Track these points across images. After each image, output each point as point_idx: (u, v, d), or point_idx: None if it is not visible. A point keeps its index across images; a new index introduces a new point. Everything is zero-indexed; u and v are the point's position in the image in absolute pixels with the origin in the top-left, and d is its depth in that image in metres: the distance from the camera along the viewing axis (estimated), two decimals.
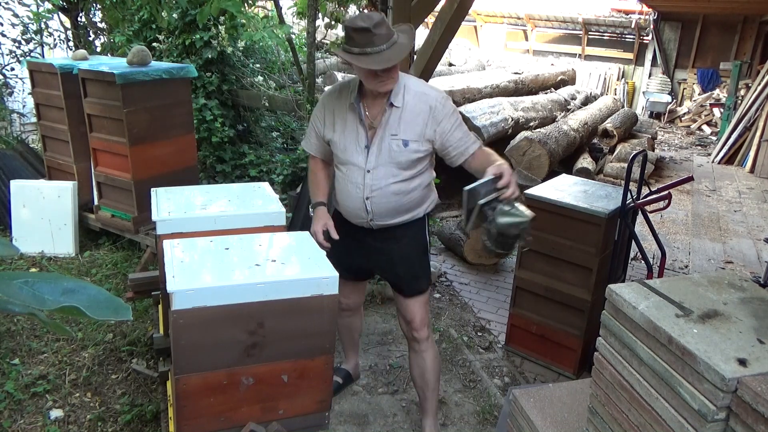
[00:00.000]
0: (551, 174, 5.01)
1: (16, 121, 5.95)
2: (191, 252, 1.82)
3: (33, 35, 5.91)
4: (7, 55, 5.89)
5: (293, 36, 6.03)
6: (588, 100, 8.81)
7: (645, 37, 12.51)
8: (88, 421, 2.55)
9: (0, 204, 4.27)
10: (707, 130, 10.89)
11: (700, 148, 9.59)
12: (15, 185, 4.03)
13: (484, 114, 5.93)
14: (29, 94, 4.59)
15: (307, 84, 5.00)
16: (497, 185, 1.88)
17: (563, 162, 6.52)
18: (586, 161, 6.67)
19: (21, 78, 5.84)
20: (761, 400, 1.08)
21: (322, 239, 2.17)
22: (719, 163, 8.07)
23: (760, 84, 8.01)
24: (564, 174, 3.53)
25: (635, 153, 3.04)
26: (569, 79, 9.85)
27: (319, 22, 5.89)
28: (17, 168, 4.46)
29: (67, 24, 6.07)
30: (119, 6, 4.96)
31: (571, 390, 2.01)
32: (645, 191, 3.21)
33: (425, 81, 2.26)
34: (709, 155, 8.56)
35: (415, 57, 3.67)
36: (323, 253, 1.91)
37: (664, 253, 3.10)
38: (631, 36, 12.72)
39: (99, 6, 5.82)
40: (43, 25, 5.93)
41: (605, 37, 13.28)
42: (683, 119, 11.61)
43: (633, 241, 3.04)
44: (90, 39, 6.14)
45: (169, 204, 2.21)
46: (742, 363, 1.16)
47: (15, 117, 5.92)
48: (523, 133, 6.06)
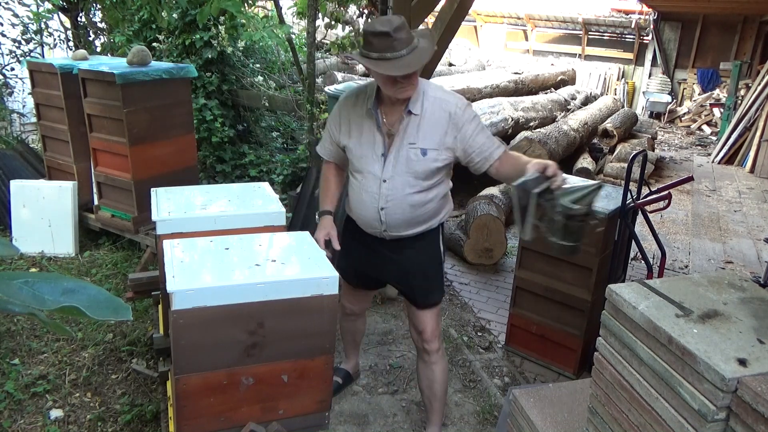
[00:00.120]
0: None
1: (16, 121, 5.95)
2: (191, 252, 1.82)
3: (33, 35, 5.91)
4: (7, 55, 5.89)
5: (293, 36, 6.03)
6: (588, 100, 8.81)
7: (645, 37, 12.51)
8: (88, 421, 2.55)
9: (0, 204, 4.27)
10: (707, 130, 10.88)
11: (700, 148, 9.59)
12: (15, 185, 4.03)
13: (484, 114, 5.93)
14: (29, 94, 4.58)
15: (307, 84, 5.00)
16: (546, 174, 1.75)
17: (563, 162, 6.51)
18: (586, 161, 6.67)
19: (21, 78, 5.84)
20: (761, 400, 1.08)
21: (323, 248, 2.12)
22: (719, 163, 8.07)
23: (760, 84, 8.01)
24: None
25: (635, 153, 3.04)
26: (569, 79, 9.85)
27: (319, 22, 5.89)
28: (17, 168, 4.46)
29: (67, 24, 6.07)
30: (119, 6, 4.96)
31: (571, 390, 2.01)
32: (645, 191, 3.21)
33: (442, 86, 2.17)
34: (709, 155, 8.56)
35: None
36: (323, 253, 1.91)
37: (664, 253, 3.10)
38: (631, 36, 12.72)
39: (99, 6, 5.82)
40: (43, 25, 5.93)
41: (605, 37, 13.28)
42: (683, 119, 11.61)
43: (633, 241, 3.04)
44: (90, 39, 6.14)
45: (169, 204, 2.21)
46: (742, 363, 1.16)
47: (15, 117, 5.92)
48: (523, 133, 6.07)
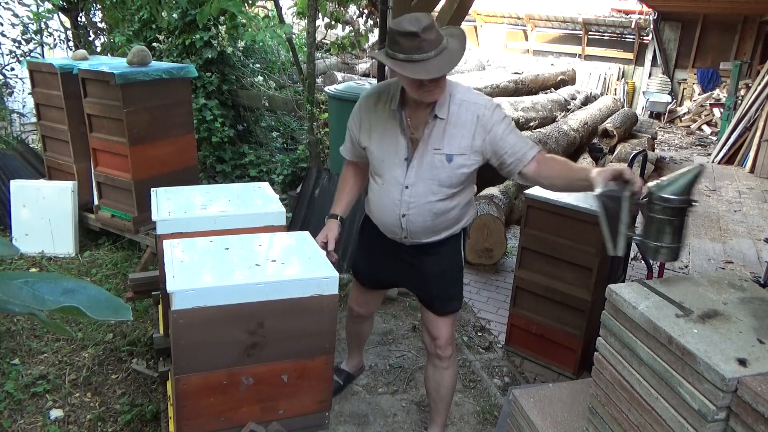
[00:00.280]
0: None
1: (16, 121, 5.95)
2: (191, 252, 1.82)
3: (33, 35, 5.91)
4: (7, 55, 5.90)
5: (293, 36, 6.03)
6: (588, 100, 8.82)
7: (645, 37, 12.51)
8: (88, 421, 2.55)
9: (0, 204, 4.27)
10: (707, 130, 10.89)
11: (700, 148, 9.59)
12: (15, 185, 4.03)
13: None
14: (29, 94, 4.58)
15: (307, 84, 5.00)
16: (625, 178, 1.58)
17: None
18: (586, 161, 6.67)
19: (21, 78, 5.84)
20: (761, 400, 1.08)
21: (331, 246, 2.11)
22: (719, 163, 8.07)
23: (760, 84, 8.00)
24: None
25: (635, 153, 3.04)
26: (569, 79, 9.86)
27: (319, 22, 5.89)
28: (17, 168, 4.46)
29: (67, 24, 6.07)
30: (119, 6, 4.97)
31: (571, 390, 2.01)
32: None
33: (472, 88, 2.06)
34: (709, 155, 8.56)
35: None
36: (323, 253, 1.91)
37: None
38: (631, 36, 12.73)
39: (99, 6, 5.83)
40: (43, 25, 5.94)
41: (605, 37, 13.28)
42: (683, 119, 11.61)
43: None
44: (90, 39, 6.14)
45: (169, 204, 2.21)
46: (742, 363, 1.16)
47: (15, 117, 5.93)
48: (523, 133, 6.06)
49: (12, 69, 5.93)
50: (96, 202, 3.97)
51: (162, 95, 3.75)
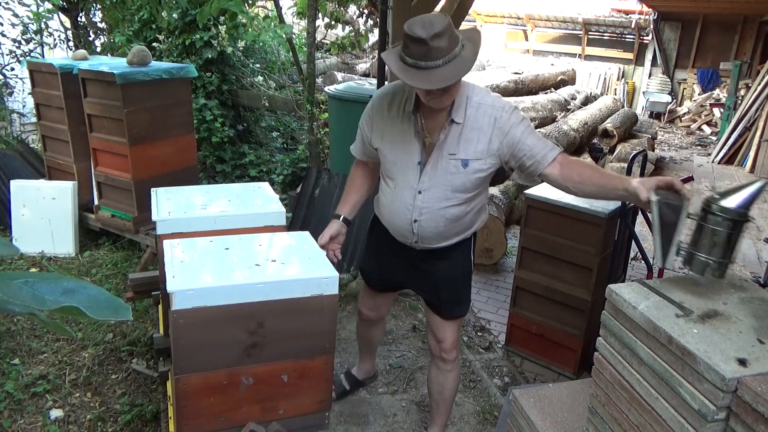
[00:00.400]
0: None
1: (16, 121, 5.95)
2: (191, 252, 1.82)
3: (33, 35, 5.91)
4: (7, 55, 5.90)
5: (293, 36, 6.03)
6: (588, 100, 8.82)
7: (645, 37, 12.52)
8: (88, 421, 2.55)
9: (0, 204, 4.27)
10: (707, 130, 10.89)
11: (700, 148, 9.59)
12: (15, 185, 4.03)
13: None
14: (29, 94, 4.58)
15: (307, 84, 5.01)
16: (676, 189, 1.52)
17: None
18: (586, 161, 6.67)
19: (21, 78, 5.84)
20: (761, 400, 1.08)
21: (323, 242, 2.10)
22: (719, 163, 8.07)
23: (760, 84, 8.01)
24: None
25: (635, 153, 3.05)
26: (569, 79, 9.86)
27: (319, 22, 5.89)
28: (17, 168, 4.46)
29: (67, 24, 6.08)
30: (119, 6, 4.97)
31: (571, 390, 2.01)
32: None
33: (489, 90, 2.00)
34: (709, 155, 8.56)
35: None
36: (323, 253, 1.91)
37: None
38: (631, 36, 12.73)
39: (99, 6, 5.83)
40: (43, 25, 5.94)
41: (605, 37, 13.28)
42: (683, 119, 11.61)
43: (633, 241, 3.04)
44: (90, 39, 6.14)
45: (169, 204, 2.21)
46: (742, 363, 1.16)
47: (15, 117, 5.93)
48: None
49: (12, 69, 5.93)
50: (96, 202, 3.97)
51: (162, 95, 3.75)
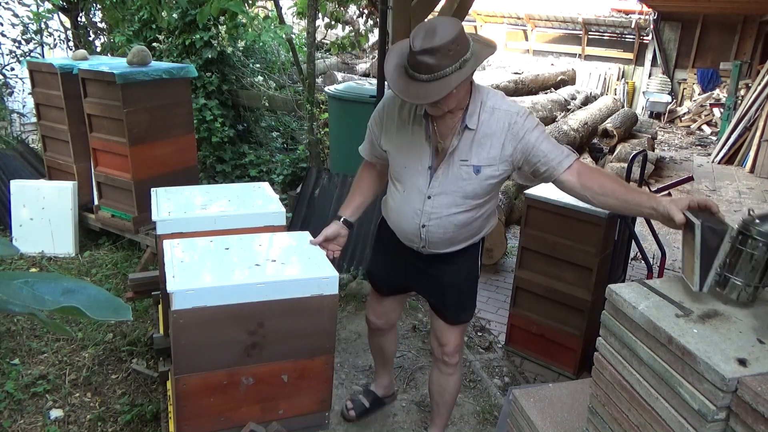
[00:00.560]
0: None
1: (16, 121, 5.95)
2: (191, 252, 1.82)
3: (33, 35, 5.91)
4: (7, 55, 5.90)
5: (293, 36, 6.04)
6: (588, 100, 8.83)
7: (645, 37, 12.52)
8: (88, 421, 2.55)
9: (0, 204, 4.27)
10: (707, 130, 10.89)
11: (700, 148, 9.59)
12: (15, 185, 4.03)
13: None
14: (29, 94, 4.58)
15: (307, 84, 5.01)
16: (713, 211, 1.48)
17: None
18: (586, 161, 6.67)
19: (21, 78, 5.84)
20: (761, 400, 1.08)
21: (316, 242, 2.02)
22: (719, 163, 8.08)
23: (760, 84, 8.01)
24: None
25: (635, 153, 3.05)
26: (569, 79, 9.87)
27: (319, 22, 5.89)
28: (17, 168, 4.46)
29: (67, 24, 6.07)
30: (119, 6, 4.97)
31: (571, 390, 2.01)
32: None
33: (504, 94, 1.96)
34: (709, 155, 8.56)
35: None
36: (323, 253, 1.91)
37: (664, 253, 3.10)
38: (631, 36, 12.73)
39: (99, 6, 5.83)
40: (43, 25, 5.94)
41: (605, 37, 13.29)
42: (683, 119, 11.61)
43: (633, 241, 3.04)
44: (90, 39, 6.14)
45: (169, 204, 2.21)
46: (742, 363, 1.16)
47: (15, 117, 5.93)
48: None
49: (12, 69, 5.93)
50: (96, 202, 3.97)
51: (162, 95, 3.75)
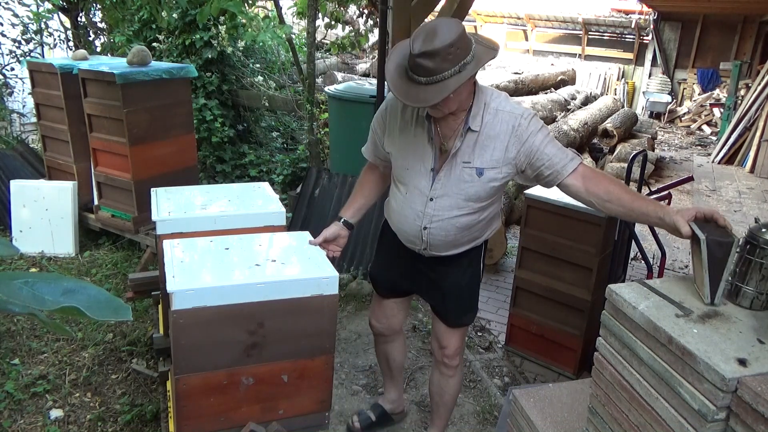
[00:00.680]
0: None
1: (16, 121, 5.95)
2: (191, 252, 1.82)
3: (33, 35, 5.91)
4: (7, 55, 5.90)
5: (293, 36, 6.04)
6: (588, 100, 8.83)
7: (645, 37, 12.52)
8: (88, 421, 2.55)
9: (0, 204, 4.27)
10: (707, 130, 10.89)
11: (700, 148, 9.59)
12: (15, 185, 4.03)
13: None
14: (29, 94, 4.58)
15: (307, 84, 5.01)
16: (719, 223, 1.47)
17: None
18: (586, 161, 6.67)
19: (21, 78, 5.84)
20: (761, 400, 1.08)
21: (315, 242, 2.02)
22: (719, 163, 8.07)
23: (760, 84, 8.00)
24: None
25: (635, 153, 3.05)
26: (569, 79, 9.87)
27: (319, 22, 5.89)
28: (17, 168, 4.46)
29: (67, 24, 6.07)
30: (119, 6, 4.96)
31: (571, 390, 2.01)
32: (645, 191, 3.21)
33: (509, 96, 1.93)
34: (709, 155, 8.56)
35: None
36: (323, 253, 1.91)
37: (664, 253, 3.10)
38: (631, 36, 12.73)
39: (99, 6, 5.83)
40: (43, 25, 5.94)
41: (605, 37, 13.29)
42: (683, 119, 11.62)
43: (633, 241, 3.04)
44: (90, 39, 6.14)
45: (169, 204, 2.21)
46: (742, 363, 1.16)
47: (15, 117, 5.93)
48: None
49: (12, 69, 5.93)
50: (96, 202, 3.97)
51: (162, 95, 3.75)
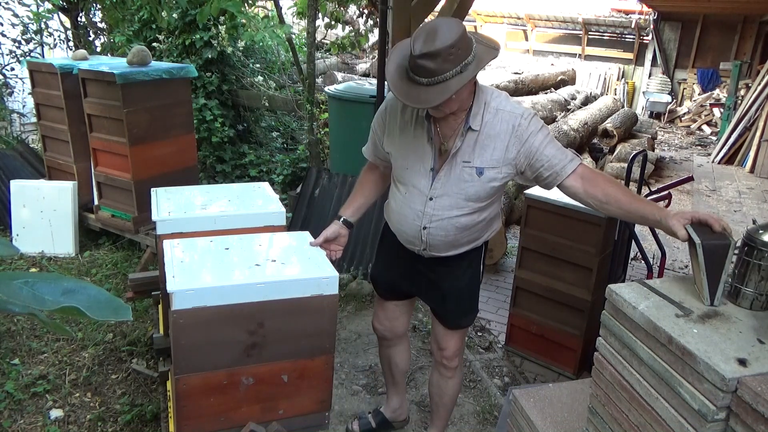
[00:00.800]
0: None
1: (16, 121, 5.95)
2: (191, 252, 1.82)
3: (33, 35, 5.91)
4: (7, 55, 5.90)
5: (293, 36, 6.04)
6: (588, 100, 8.83)
7: (645, 37, 12.52)
8: (88, 421, 2.55)
9: (0, 204, 4.27)
10: (707, 130, 10.89)
11: (700, 148, 9.59)
12: (15, 185, 4.03)
13: None
14: (29, 94, 4.59)
15: (307, 84, 5.01)
16: (715, 228, 1.47)
17: None
18: (586, 161, 6.68)
19: (21, 78, 5.84)
20: (761, 400, 1.08)
21: (316, 243, 2.01)
22: (719, 163, 8.07)
23: (760, 84, 8.00)
24: None
25: (635, 153, 3.04)
26: (569, 79, 9.87)
27: (319, 22, 5.89)
28: (17, 168, 4.46)
29: (67, 24, 6.07)
30: (119, 6, 4.97)
31: (571, 390, 2.01)
32: (645, 191, 3.21)
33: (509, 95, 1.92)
34: (709, 155, 8.56)
35: None
36: (323, 253, 1.91)
37: (664, 253, 3.10)
38: (631, 36, 12.73)
39: (99, 6, 5.83)
40: (43, 25, 5.94)
41: (605, 37, 13.29)
42: (683, 119, 11.61)
43: (633, 241, 3.04)
44: (90, 39, 6.14)
45: (169, 204, 2.21)
46: (742, 363, 1.16)
47: (15, 117, 5.93)
48: None
49: (12, 69, 5.93)
50: (96, 202, 3.97)
51: (162, 95, 3.75)
